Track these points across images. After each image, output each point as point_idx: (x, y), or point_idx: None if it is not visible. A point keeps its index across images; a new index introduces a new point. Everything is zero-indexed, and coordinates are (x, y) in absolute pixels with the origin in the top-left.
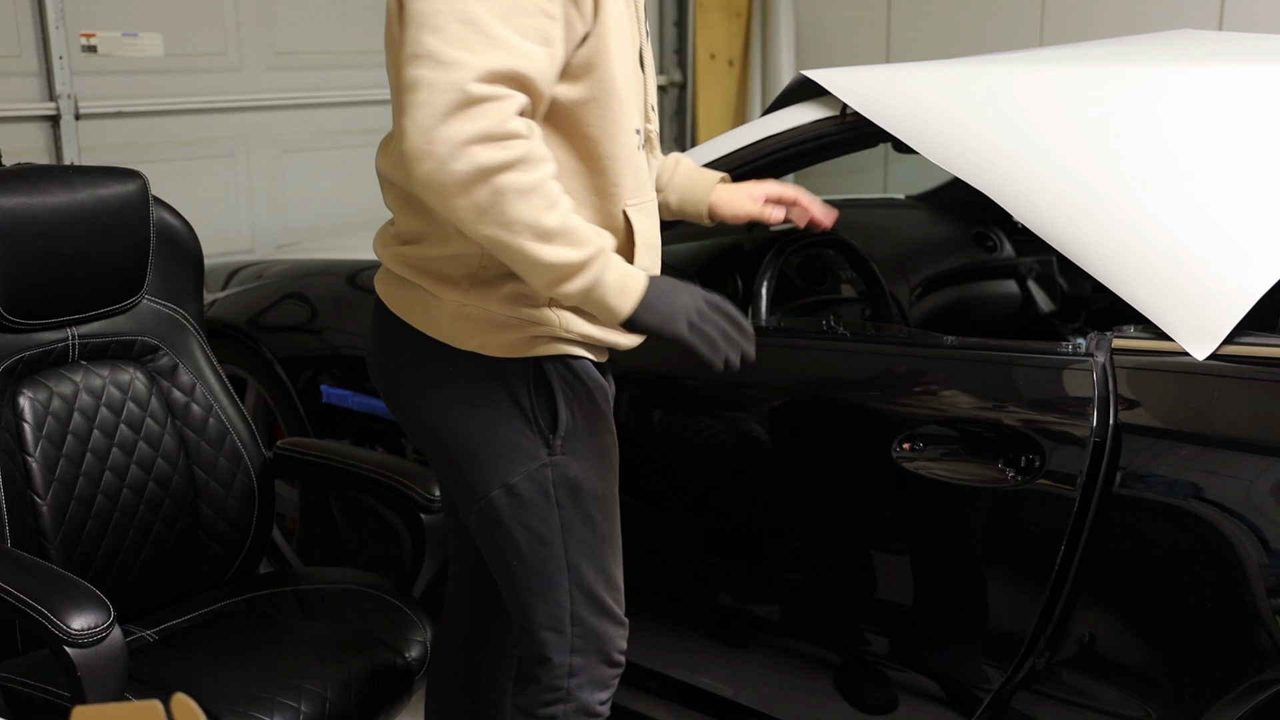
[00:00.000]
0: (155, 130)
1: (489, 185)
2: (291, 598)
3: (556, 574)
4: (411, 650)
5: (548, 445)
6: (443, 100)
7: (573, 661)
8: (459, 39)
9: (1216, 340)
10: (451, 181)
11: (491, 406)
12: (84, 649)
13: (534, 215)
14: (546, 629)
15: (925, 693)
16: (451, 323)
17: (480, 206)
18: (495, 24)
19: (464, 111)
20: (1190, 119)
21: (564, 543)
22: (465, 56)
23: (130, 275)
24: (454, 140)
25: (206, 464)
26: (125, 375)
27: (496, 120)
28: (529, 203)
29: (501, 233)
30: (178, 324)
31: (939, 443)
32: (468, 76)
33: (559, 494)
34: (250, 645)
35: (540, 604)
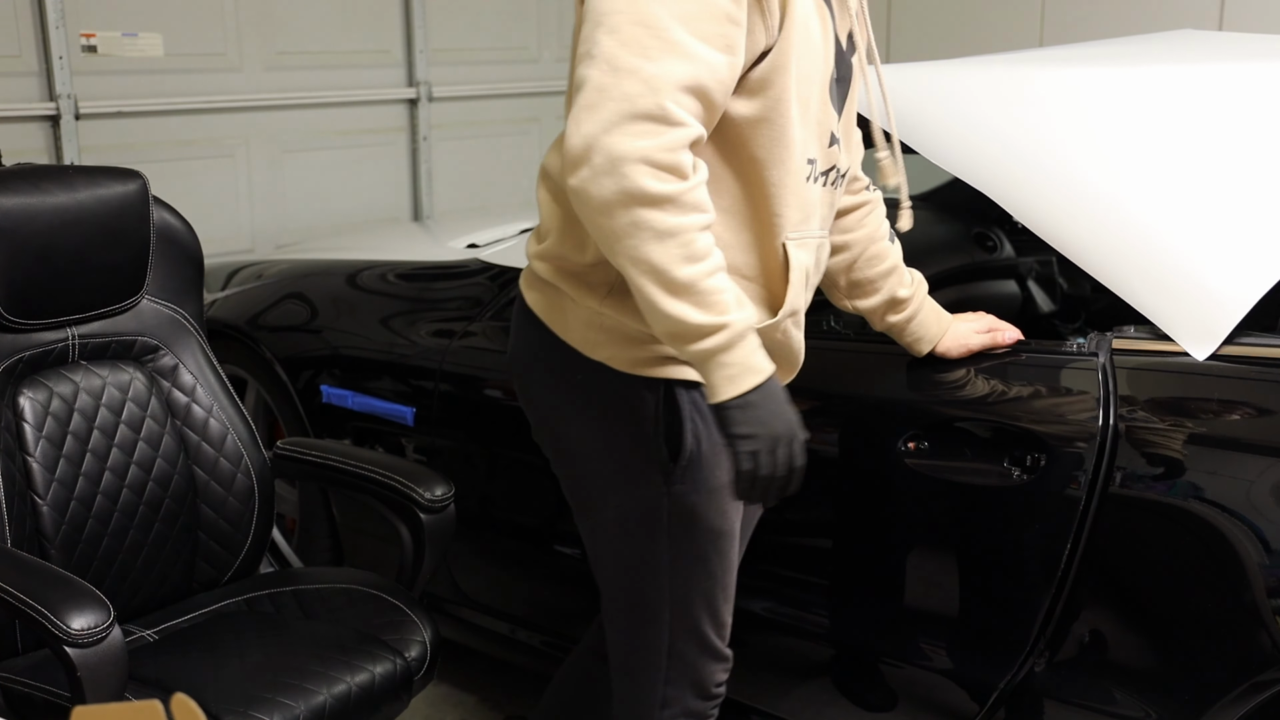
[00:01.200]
0: (155, 130)
1: (629, 214)
2: (291, 598)
3: (658, 603)
4: (411, 650)
5: (667, 472)
6: (611, 109)
7: (667, 693)
8: (635, 43)
9: (1216, 341)
10: (598, 196)
11: (614, 422)
12: (84, 649)
13: (665, 261)
14: (642, 654)
15: (928, 692)
16: (584, 329)
17: (616, 233)
18: (676, 28)
19: (631, 126)
20: (1190, 119)
21: (670, 574)
22: (640, 63)
23: (130, 275)
24: (612, 154)
25: (207, 464)
26: (125, 375)
27: (662, 146)
28: (664, 246)
29: (628, 266)
30: (178, 324)
31: (943, 442)
32: (641, 88)
33: (672, 525)
34: (250, 645)
35: (639, 629)
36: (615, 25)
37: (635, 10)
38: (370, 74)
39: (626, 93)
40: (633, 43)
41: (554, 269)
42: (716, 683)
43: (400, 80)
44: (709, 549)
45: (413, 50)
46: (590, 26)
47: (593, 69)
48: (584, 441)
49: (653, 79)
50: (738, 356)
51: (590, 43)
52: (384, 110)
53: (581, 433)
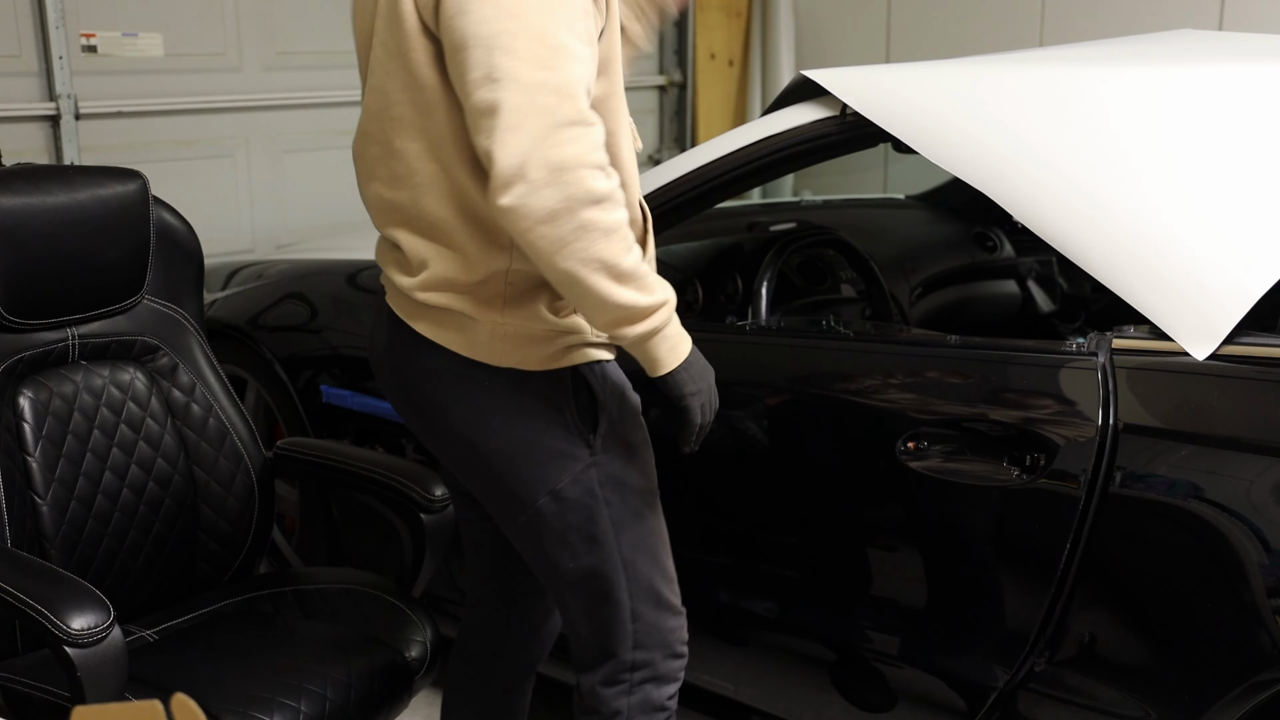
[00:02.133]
0: (155, 130)
1: (575, 218)
2: (291, 598)
3: (613, 572)
4: (412, 650)
5: (589, 446)
6: (535, 124)
7: (636, 657)
8: (534, 57)
9: (1216, 340)
10: (541, 208)
11: (532, 417)
12: (84, 649)
13: (614, 255)
14: (608, 627)
15: (928, 691)
16: (489, 342)
17: (563, 238)
18: (562, 33)
19: (558, 135)
20: (1190, 119)
21: (616, 540)
22: (546, 76)
23: (130, 275)
24: (550, 165)
25: (206, 464)
26: (125, 375)
27: (591, 146)
28: (610, 241)
29: (579, 267)
30: (178, 324)
31: (943, 441)
32: (555, 98)
33: (605, 492)
34: (250, 645)
35: (600, 604)
36: (509, 45)
37: (522, 27)
38: None
39: (543, 106)
40: (532, 58)
41: (443, 295)
42: (681, 640)
43: None
44: (643, 507)
45: None
46: (480, 52)
47: (501, 91)
48: (505, 444)
49: (562, 86)
50: (674, 328)
51: (487, 67)
52: None
53: (500, 437)
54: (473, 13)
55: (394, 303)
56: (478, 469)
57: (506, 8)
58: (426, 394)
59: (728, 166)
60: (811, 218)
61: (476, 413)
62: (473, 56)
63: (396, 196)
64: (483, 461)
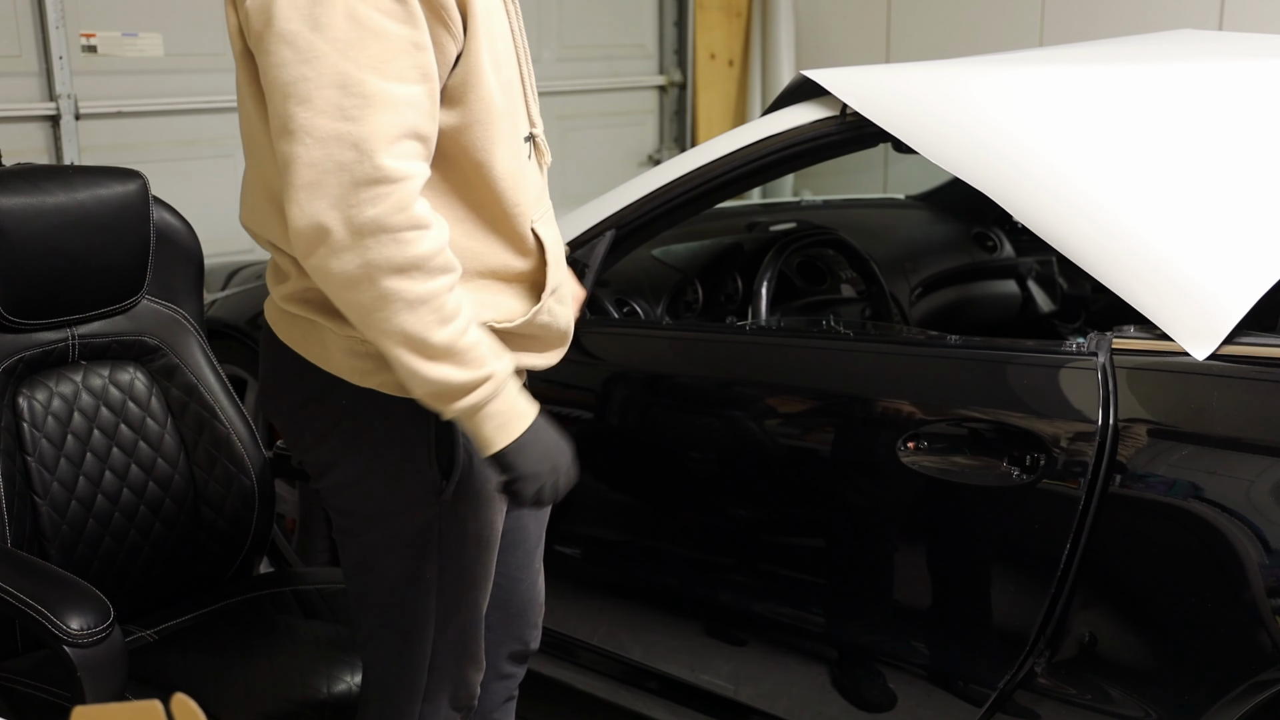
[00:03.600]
0: (155, 130)
1: (376, 287)
2: (291, 597)
3: (424, 620)
4: None
5: (439, 490)
6: (331, 184)
7: (421, 708)
8: (333, 107)
9: (1216, 340)
10: (340, 273)
11: (385, 448)
12: (84, 649)
13: (420, 329)
14: (403, 672)
15: (928, 691)
16: (349, 358)
17: (365, 307)
18: (370, 78)
19: (356, 195)
20: (1190, 118)
21: (438, 590)
22: (345, 128)
23: (130, 275)
24: (348, 228)
25: (206, 464)
26: (125, 375)
27: (394, 207)
28: (416, 314)
29: (382, 339)
30: (178, 324)
31: (943, 441)
32: (354, 154)
33: (442, 541)
34: (251, 644)
35: (402, 648)
36: (306, 94)
37: (322, 74)
38: None
39: (341, 162)
40: (330, 108)
41: (306, 305)
42: (473, 695)
43: None
44: (475, 560)
45: None
46: (279, 100)
47: (296, 145)
48: (353, 467)
49: (363, 141)
50: (503, 404)
51: (284, 117)
52: None
53: (350, 460)
54: (271, 54)
55: (266, 309)
56: (322, 479)
57: (303, 50)
58: (289, 406)
59: (728, 166)
60: (811, 218)
61: (330, 429)
62: (272, 104)
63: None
64: (328, 476)
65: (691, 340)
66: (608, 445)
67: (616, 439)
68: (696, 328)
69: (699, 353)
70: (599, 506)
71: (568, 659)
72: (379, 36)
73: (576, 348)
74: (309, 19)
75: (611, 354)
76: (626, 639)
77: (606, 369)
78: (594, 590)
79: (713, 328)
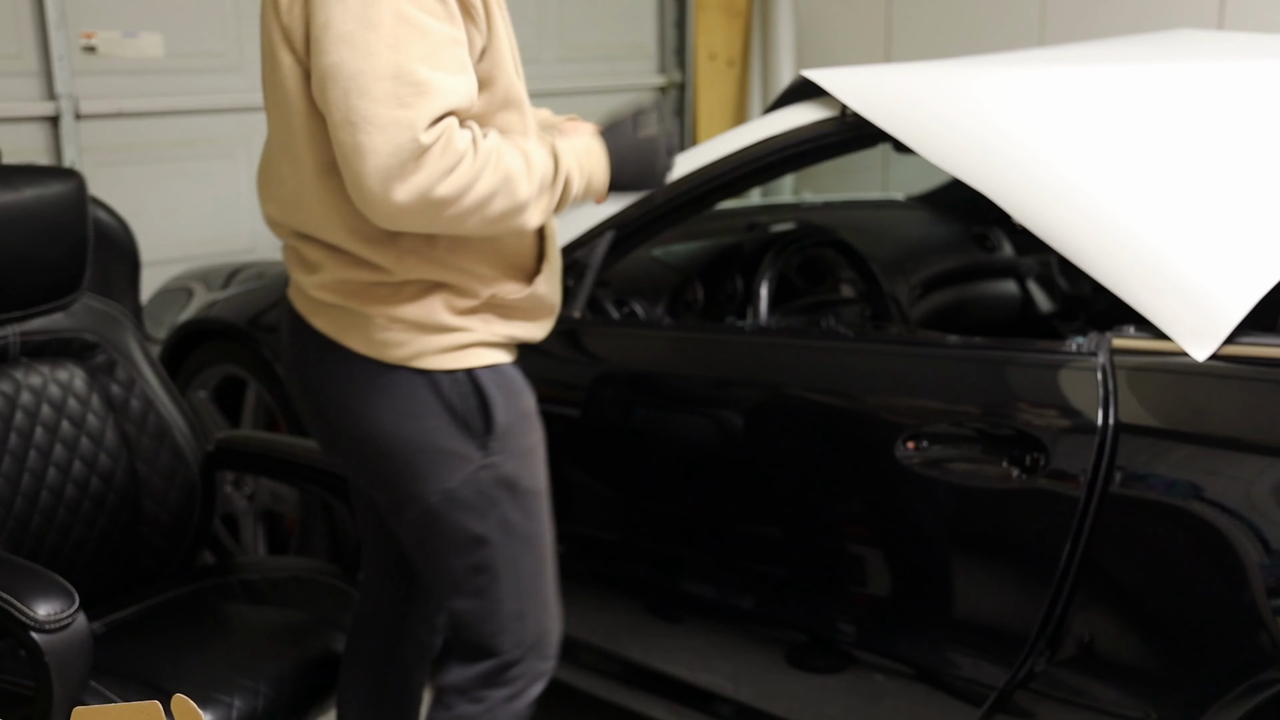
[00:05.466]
0: (155, 130)
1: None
2: (239, 587)
3: (499, 572)
4: None
5: (483, 448)
6: (392, 163)
7: (513, 655)
8: (391, 97)
9: (1217, 341)
10: (422, 220)
11: (426, 418)
12: (51, 634)
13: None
14: (486, 626)
15: (928, 691)
16: (383, 335)
17: (455, 221)
18: (421, 70)
19: (414, 164)
20: (1190, 119)
21: (504, 541)
22: (402, 114)
23: (69, 273)
24: (413, 193)
25: (148, 458)
26: (65, 372)
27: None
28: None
29: (489, 227)
30: (115, 321)
31: (942, 441)
32: (409, 136)
33: (496, 493)
34: (205, 632)
35: (481, 602)
36: (366, 87)
37: (380, 68)
38: None
39: (398, 144)
40: (388, 98)
41: (339, 293)
42: (554, 643)
43: None
44: (532, 509)
45: None
46: (339, 93)
47: (359, 135)
48: (399, 443)
49: (415, 124)
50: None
51: (346, 109)
52: None
53: (394, 436)
54: (331, 54)
55: (294, 298)
56: (370, 466)
57: (362, 48)
58: (324, 390)
59: (728, 167)
60: (811, 218)
61: (371, 411)
62: (333, 96)
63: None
64: (375, 459)
65: (691, 340)
66: (608, 445)
67: (617, 439)
68: (696, 328)
69: (699, 353)
70: (599, 506)
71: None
72: (425, 33)
73: (577, 348)
74: (362, 19)
75: (612, 354)
76: (627, 639)
77: (607, 369)
78: (594, 590)
79: (713, 328)
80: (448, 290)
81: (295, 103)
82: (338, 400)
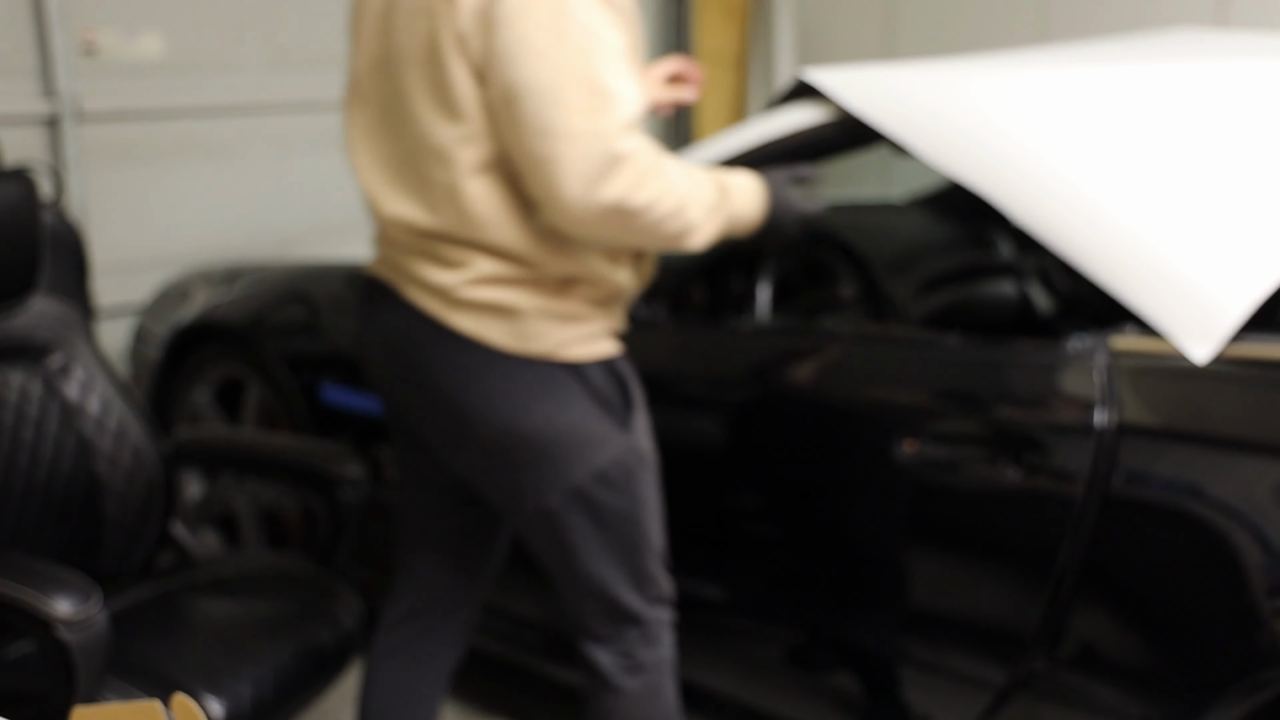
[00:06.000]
0: (155, 130)
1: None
2: (210, 584)
3: (639, 540)
4: (346, 621)
5: (624, 428)
6: (589, 172)
7: (654, 613)
8: (584, 107)
9: (1218, 343)
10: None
11: (574, 405)
12: (76, 631)
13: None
14: (630, 592)
15: (928, 691)
16: (530, 328)
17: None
18: (610, 78)
19: (610, 173)
20: (1189, 119)
21: (640, 509)
22: (596, 123)
23: (23, 274)
24: (609, 201)
25: (108, 459)
26: (21, 374)
27: (633, 181)
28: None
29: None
30: (69, 323)
31: (942, 442)
32: (603, 145)
33: (636, 468)
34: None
35: (625, 571)
36: (559, 97)
37: (573, 78)
38: None
39: (591, 152)
40: (582, 108)
41: (490, 287)
42: (667, 587)
43: None
44: (652, 476)
45: None
46: (533, 102)
47: (556, 143)
48: (546, 431)
49: (609, 134)
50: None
51: (542, 119)
52: None
53: (542, 424)
54: (524, 67)
55: (419, 298)
56: (509, 458)
57: (556, 62)
58: (461, 387)
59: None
60: None
61: (518, 403)
62: (525, 108)
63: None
64: (520, 450)
65: (692, 340)
66: None
67: None
68: (697, 328)
69: (699, 353)
70: None
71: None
72: (606, 42)
73: None
74: (553, 31)
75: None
76: None
77: None
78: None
79: (713, 328)
80: (584, 282)
81: (460, 105)
82: (478, 396)
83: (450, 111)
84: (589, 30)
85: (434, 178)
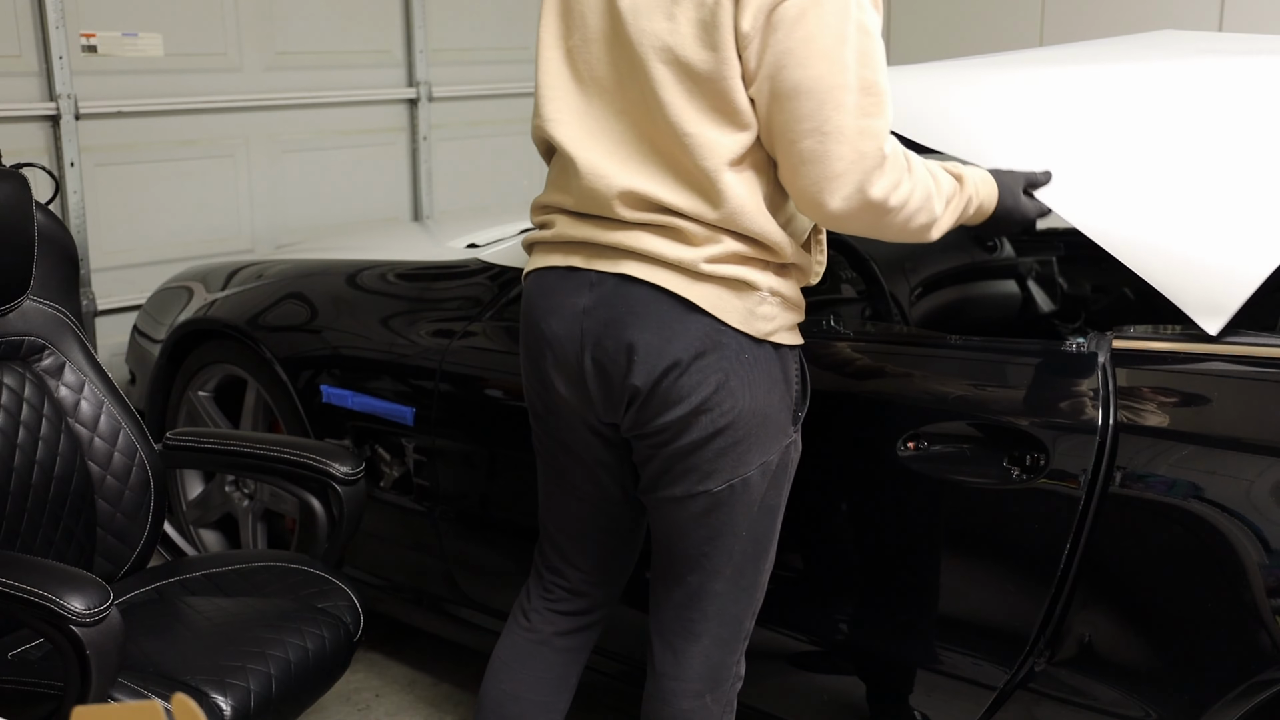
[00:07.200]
0: (155, 130)
1: (899, 214)
2: (205, 581)
3: (771, 538)
4: (347, 614)
5: (795, 422)
6: (861, 169)
7: (749, 627)
8: (861, 109)
9: (1227, 315)
10: (864, 222)
11: (775, 392)
12: (90, 628)
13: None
14: (746, 596)
15: (928, 692)
16: (762, 309)
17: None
18: (880, 80)
19: (877, 172)
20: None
21: (779, 510)
22: (870, 124)
23: (16, 276)
24: (874, 198)
25: (101, 460)
26: (15, 376)
27: (894, 180)
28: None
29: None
30: (61, 323)
31: (943, 441)
32: (874, 145)
33: (790, 465)
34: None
35: (751, 568)
36: (840, 100)
37: (853, 80)
38: (370, 74)
39: (863, 152)
40: (859, 109)
41: (734, 263)
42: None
43: (400, 80)
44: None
45: (413, 50)
46: (813, 103)
47: (830, 143)
48: (751, 414)
49: (880, 134)
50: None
51: (820, 120)
52: (384, 110)
53: (750, 407)
54: (809, 67)
55: (650, 273)
56: (709, 440)
57: (838, 62)
58: (691, 360)
59: None
60: None
61: (735, 383)
62: (803, 107)
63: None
64: (724, 431)
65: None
66: None
67: None
68: None
69: None
70: None
71: None
72: (875, 43)
73: None
74: (836, 33)
75: None
76: (627, 639)
77: None
78: None
79: None
80: (799, 270)
81: (728, 102)
82: (702, 367)
83: (715, 107)
84: (865, 30)
85: (684, 163)
